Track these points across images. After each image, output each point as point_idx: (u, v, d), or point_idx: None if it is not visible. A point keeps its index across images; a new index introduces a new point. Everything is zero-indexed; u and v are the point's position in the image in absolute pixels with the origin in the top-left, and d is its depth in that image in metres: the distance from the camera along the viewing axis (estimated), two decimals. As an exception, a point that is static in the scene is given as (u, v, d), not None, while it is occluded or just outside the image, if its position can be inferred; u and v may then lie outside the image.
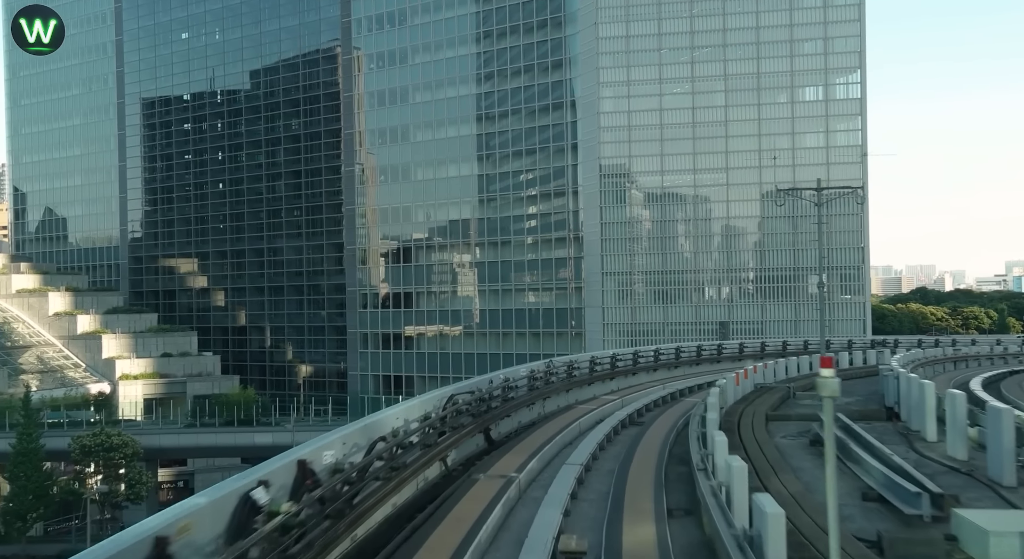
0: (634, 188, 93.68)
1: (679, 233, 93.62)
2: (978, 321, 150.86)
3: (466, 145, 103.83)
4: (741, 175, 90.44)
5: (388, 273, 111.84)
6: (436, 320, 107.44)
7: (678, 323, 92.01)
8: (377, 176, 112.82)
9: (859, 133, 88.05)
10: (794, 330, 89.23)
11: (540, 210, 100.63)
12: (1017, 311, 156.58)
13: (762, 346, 59.53)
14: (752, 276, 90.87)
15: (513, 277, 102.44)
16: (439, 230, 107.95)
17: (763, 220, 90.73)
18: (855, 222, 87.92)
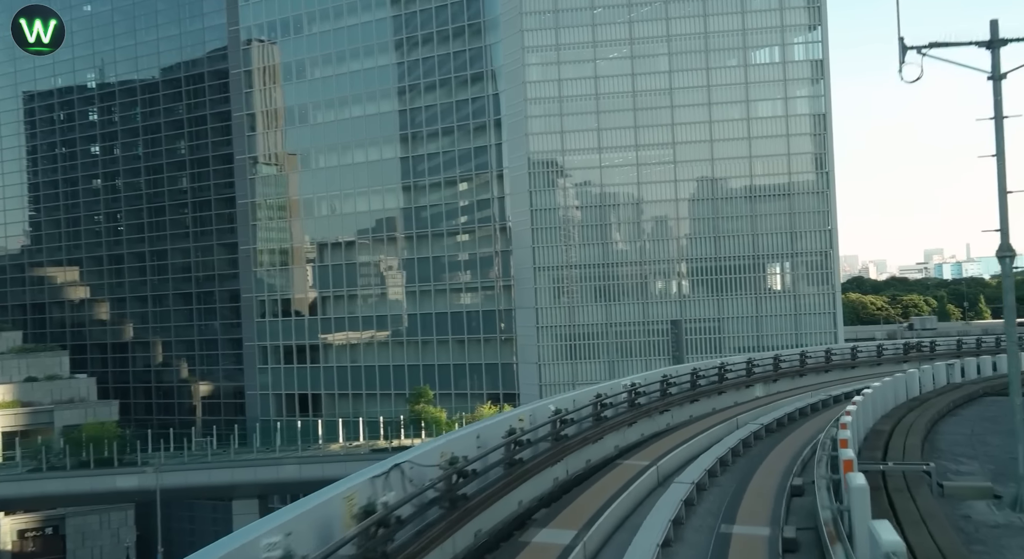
0: (568, 168, 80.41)
1: (621, 219, 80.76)
2: (918, 309, 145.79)
3: (386, 124, 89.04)
4: (690, 150, 78.12)
5: (290, 275, 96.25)
6: (347, 327, 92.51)
7: (623, 324, 79.23)
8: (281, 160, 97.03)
9: (821, 100, 76.58)
10: (756, 327, 77.30)
11: (461, 199, 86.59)
12: (955, 298, 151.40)
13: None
14: (707, 267, 78.52)
15: (433, 276, 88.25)
16: (356, 223, 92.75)
17: (717, 202, 78.49)
18: (821, 201, 76.41)
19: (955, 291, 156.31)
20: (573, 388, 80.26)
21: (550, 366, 79.78)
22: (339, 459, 71.25)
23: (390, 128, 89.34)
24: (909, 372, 25.48)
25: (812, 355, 34.17)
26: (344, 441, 75.99)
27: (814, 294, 76.97)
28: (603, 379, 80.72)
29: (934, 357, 38.13)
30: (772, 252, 77.64)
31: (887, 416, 22.29)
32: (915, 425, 19.95)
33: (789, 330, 76.33)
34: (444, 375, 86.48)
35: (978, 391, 27.23)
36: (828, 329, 75.89)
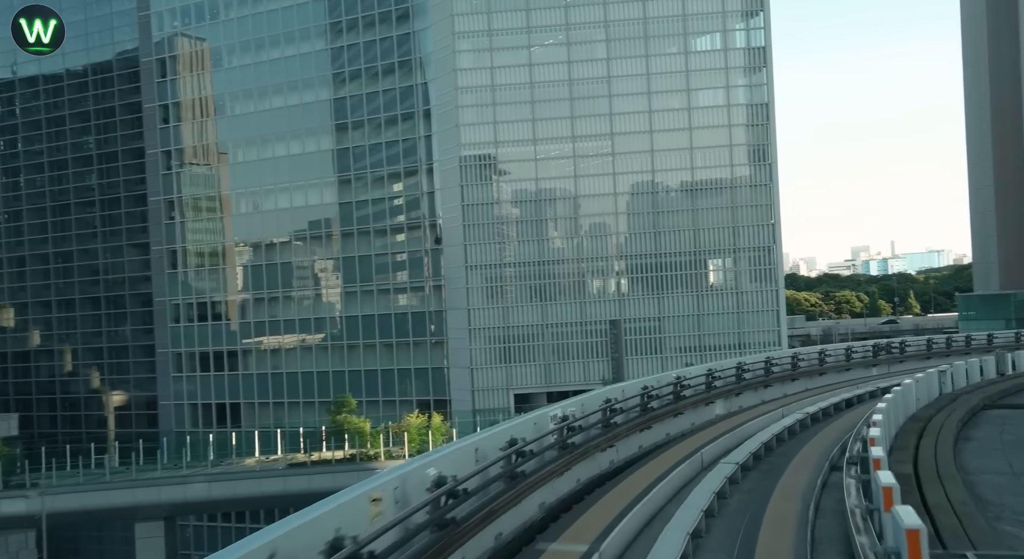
0: (502, 161, 74.98)
1: (558, 214, 75.64)
2: (850, 305, 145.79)
3: (318, 114, 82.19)
4: (629, 142, 73.43)
5: (211, 276, 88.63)
6: (271, 331, 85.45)
7: (560, 324, 74.11)
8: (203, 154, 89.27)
9: (764, 89, 72.59)
10: (697, 326, 72.98)
11: (389, 194, 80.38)
12: (886, 294, 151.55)
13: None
14: (646, 264, 73.88)
15: (361, 276, 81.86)
16: (287, 220, 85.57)
17: (657, 195, 73.94)
18: (763, 195, 72.42)
19: (885, 287, 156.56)
20: (507, 393, 74.89)
21: (483, 370, 74.21)
22: (253, 475, 64.60)
23: (322, 118, 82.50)
24: (905, 384, 20.70)
25: (778, 362, 29.34)
26: (261, 455, 69.10)
27: (757, 291, 73.00)
28: (539, 383, 75.74)
29: (904, 358, 33.94)
30: (713, 248, 73.43)
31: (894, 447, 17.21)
32: (942, 467, 14.91)
33: (732, 329, 72.22)
34: (371, 381, 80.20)
35: (978, 404, 22.60)
36: (771, 327, 72.00)
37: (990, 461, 17.55)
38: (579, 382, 73.53)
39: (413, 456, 65.79)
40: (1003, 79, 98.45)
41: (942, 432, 18.13)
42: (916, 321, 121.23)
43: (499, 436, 13.90)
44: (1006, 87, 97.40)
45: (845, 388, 28.57)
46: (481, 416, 72.23)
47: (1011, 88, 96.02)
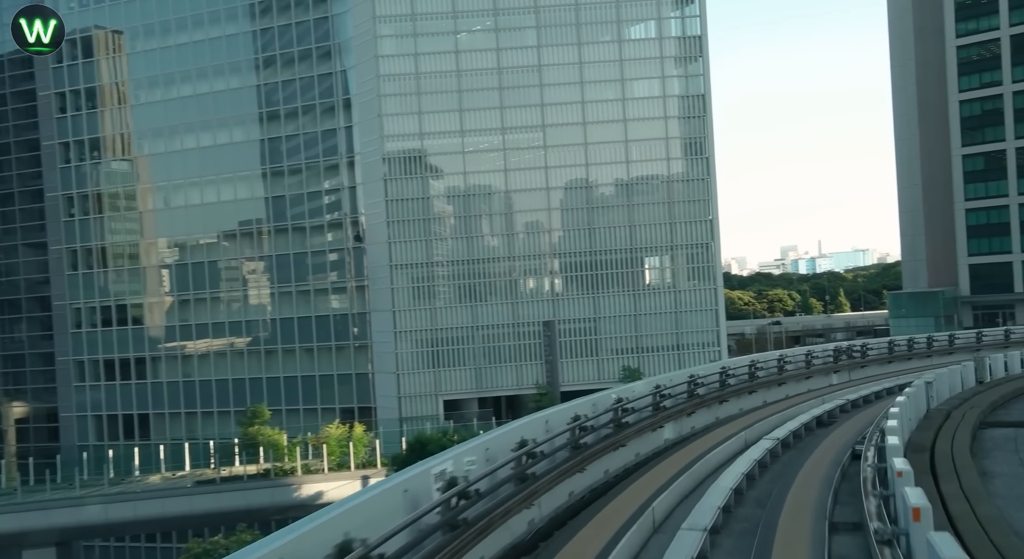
0: (428, 154, 69.76)
1: (488, 210, 70.75)
2: (783, 303, 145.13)
3: (238, 101, 75.51)
4: (561, 134, 69.03)
5: (113, 278, 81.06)
6: (180, 336, 78.52)
7: (491, 326, 69.30)
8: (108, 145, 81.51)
9: (700, 79, 69.04)
10: (634, 326, 69.01)
11: (308, 189, 74.36)
12: (817, 292, 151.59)
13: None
14: (581, 262, 69.61)
15: (278, 277, 75.68)
16: (208, 218, 78.59)
17: (591, 190, 69.69)
18: (700, 189, 68.83)
19: (816, 285, 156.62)
20: (436, 399, 69.73)
21: (410, 375, 68.92)
22: (156, 495, 58.14)
23: (240, 107, 75.83)
24: (899, 401, 16.60)
25: (734, 373, 25.03)
26: (167, 471, 62.50)
27: (695, 289, 69.40)
28: (470, 388, 70.77)
29: (866, 363, 30.15)
30: (650, 245, 69.59)
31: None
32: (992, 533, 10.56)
33: (670, 329, 68.48)
34: (292, 389, 74.11)
35: (976, 423, 18.55)
36: (710, 327, 68.52)
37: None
38: (512, 386, 68.96)
39: (333, 470, 60.31)
40: (929, 78, 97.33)
41: (961, 473, 13.89)
42: (847, 318, 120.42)
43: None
44: (932, 86, 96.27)
45: (810, 399, 24.58)
46: (408, 424, 66.95)
47: (937, 87, 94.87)
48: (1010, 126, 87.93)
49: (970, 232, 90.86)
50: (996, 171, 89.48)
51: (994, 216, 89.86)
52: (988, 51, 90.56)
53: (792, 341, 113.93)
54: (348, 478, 58.75)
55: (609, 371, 67.69)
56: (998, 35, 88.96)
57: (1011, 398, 22.01)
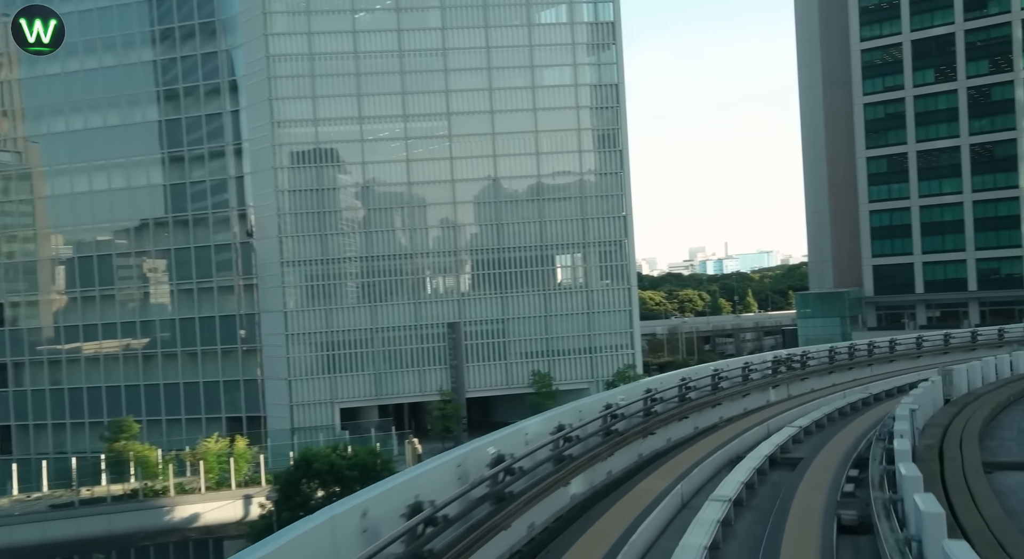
0: (323, 142, 63.02)
1: (389, 204, 64.44)
2: (693, 303, 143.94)
3: (137, 82, 66.58)
4: (468, 123, 63.40)
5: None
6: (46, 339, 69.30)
7: (392, 328, 63.11)
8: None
9: (613, 68, 64.44)
10: (544, 328, 63.90)
11: (191, 178, 66.51)
12: (726, 292, 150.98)
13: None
14: (489, 260, 64.12)
15: (156, 276, 67.50)
16: (98, 209, 69.32)
17: (499, 183, 64.21)
18: (614, 184, 64.23)
19: (724, 286, 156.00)
20: (331, 407, 63.06)
21: (303, 381, 62.03)
22: (3, 521, 49.75)
23: (142, 86, 67.08)
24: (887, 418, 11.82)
25: (662, 396, 19.57)
26: (21, 492, 53.96)
27: (608, 289, 64.75)
28: (368, 395, 64.28)
29: (806, 375, 25.54)
30: (561, 242, 64.60)
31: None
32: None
33: (582, 331, 63.64)
34: (173, 397, 66.15)
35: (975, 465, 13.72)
36: (624, 328, 64.01)
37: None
38: (415, 393, 62.90)
39: (211, 489, 53.06)
40: (835, 80, 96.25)
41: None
42: (756, 318, 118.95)
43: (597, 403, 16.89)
44: (838, 88, 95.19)
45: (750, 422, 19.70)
46: (300, 435, 60.13)
47: (842, 89, 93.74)
48: (911, 129, 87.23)
49: (874, 233, 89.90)
50: (898, 174, 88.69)
51: (896, 218, 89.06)
52: (891, 55, 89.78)
53: (702, 341, 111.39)
54: (228, 498, 51.77)
55: (518, 376, 62.42)
56: (900, 40, 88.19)
57: (992, 418, 17.60)
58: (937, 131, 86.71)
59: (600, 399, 16.32)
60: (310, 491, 43.68)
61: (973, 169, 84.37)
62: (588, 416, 15.23)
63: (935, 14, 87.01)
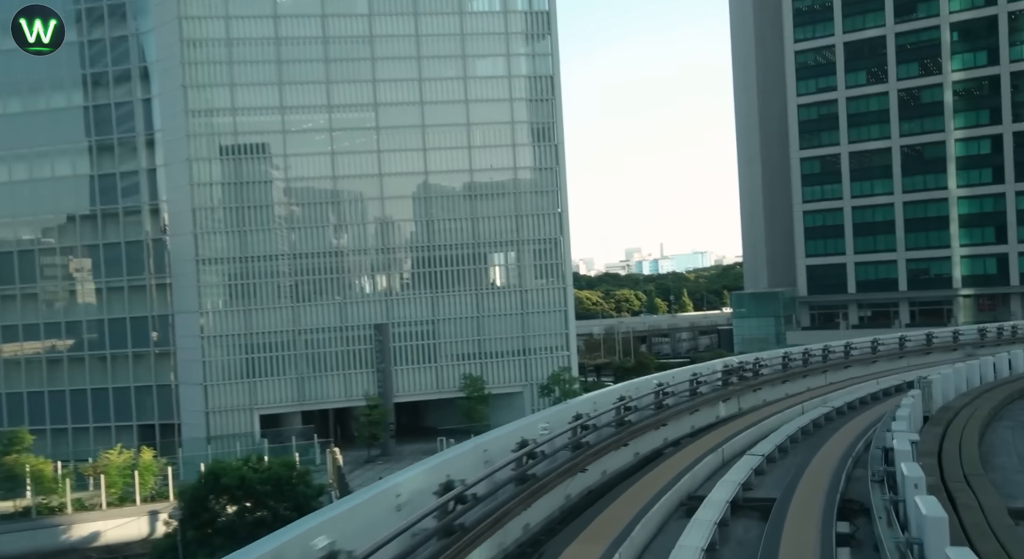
0: (242, 132, 58.40)
1: (313, 199, 60.12)
2: (629, 303, 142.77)
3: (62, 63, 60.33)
4: (396, 114, 59.53)
5: None
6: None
7: (316, 330, 58.88)
8: None
9: (548, 59, 61.26)
10: (477, 329, 60.43)
11: (99, 171, 61.11)
12: (662, 292, 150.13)
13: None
14: (419, 258, 60.36)
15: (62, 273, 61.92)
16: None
17: (429, 177, 60.46)
18: (549, 179, 61.09)
19: (660, 286, 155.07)
20: (251, 414, 58.55)
21: (221, 387, 57.33)
22: None
23: (45, 73, 61.07)
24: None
25: (594, 423, 16.05)
26: None
27: (543, 289, 61.55)
28: (291, 400, 59.70)
29: (759, 384, 22.46)
30: (494, 240, 61.14)
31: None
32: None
33: (516, 332, 60.34)
34: (80, 403, 60.70)
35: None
36: (559, 329, 60.93)
37: None
38: (340, 398, 58.78)
39: (114, 505, 48.33)
40: (769, 81, 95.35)
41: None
42: (691, 318, 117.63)
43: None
44: (772, 89, 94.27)
45: (700, 447, 16.42)
46: (216, 444, 55.43)
47: (777, 90, 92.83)
48: (844, 131, 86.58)
49: (807, 234, 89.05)
50: (832, 174, 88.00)
51: (830, 218, 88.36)
52: (824, 57, 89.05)
53: (639, 341, 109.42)
54: (132, 514, 47.15)
55: (449, 379, 58.79)
56: (833, 42, 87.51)
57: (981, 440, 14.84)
58: (869, 132, 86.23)
59: (513, 432, 12.74)
60: (219, 508, 39.40)
61: (904, 170, 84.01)
62: (497, 460, 11.65)
63: (867, 16, 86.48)
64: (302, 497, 39.88)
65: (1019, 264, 79.23)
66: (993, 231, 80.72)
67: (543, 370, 58.98)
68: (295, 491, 39.93)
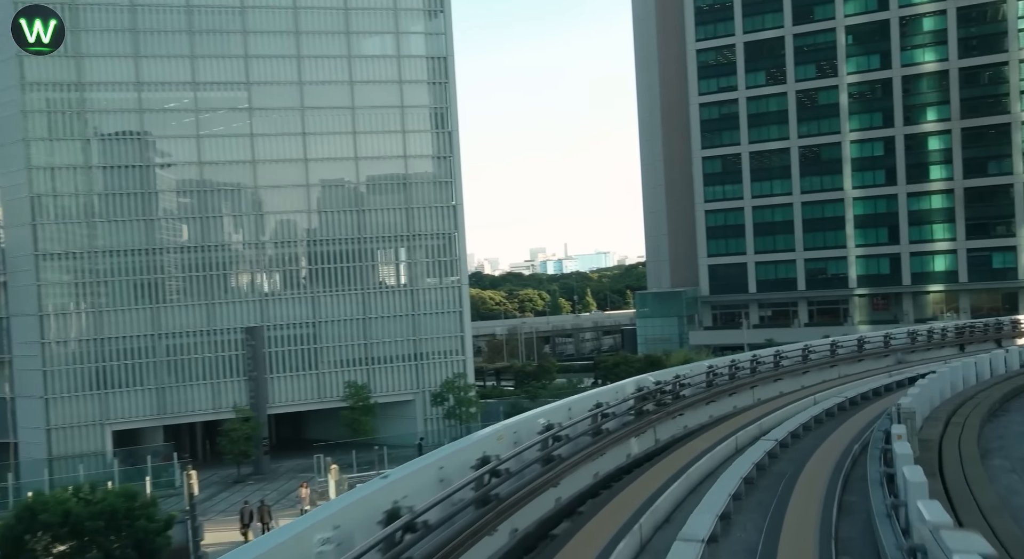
0: (92, 110, 50.11)
1: (177, 187, 52.38)
2: (533, 303, 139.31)
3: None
4: (271, 94, 52.46)
5: None
6: None
7: (181, 334, 51.27)
8: None
9: (442, 39, 55.33)
10: (364, 332, 54.00)
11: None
12: (566, 292, 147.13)
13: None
14: (297, 253, 53.46)
15: None
16: None
17: (309, 166, 53.56)
18: (443, 169, 55.21)
19: (564, 285, 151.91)
20: (102, 430, 50.43)
21: (65, 400, 48.99)
22: None
23: None
24: None
25: (455, 497, 10.70)
26: None
27: (437, 288, 55.58)
28: (149, 414, 51.61)
29: (680, 409, 17.16)
30: (383, 234, 54.75)
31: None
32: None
33: (406, 335, 54.20)
34: None
35: None
36: (454, 332, 55.09)
37: None
38: (208, 410, 51.33)
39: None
40: (672, 80, 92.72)
41: None
42: (595, 318, 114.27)
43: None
44: (675, 88, 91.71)
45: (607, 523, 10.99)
46: (59, 467, 47.22)
47: (679, 89, 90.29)
48: (744, 130, 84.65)
49: (709, 233, 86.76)
50: (733, 174, 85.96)
51: (731, 218, 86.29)
52: (724, 57, 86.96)
53: (542, 341, 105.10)
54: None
55: (332, 387, 52.18)
56: (734, 41, 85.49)
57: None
58: (769, 133, 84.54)
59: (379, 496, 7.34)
60: (40, 548, 31.84)
61: (802, 171, 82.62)
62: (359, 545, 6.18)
63: (766, 17, 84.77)
64: (142, 532, 32.67)
65: (911, 264, 78.75)
66: (887, 232, 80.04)
67: (436, 376, 53.13)
68: (134, 526, 32.75)
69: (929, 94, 78.19)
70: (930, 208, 78.02)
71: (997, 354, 23.18)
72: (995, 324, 33.42)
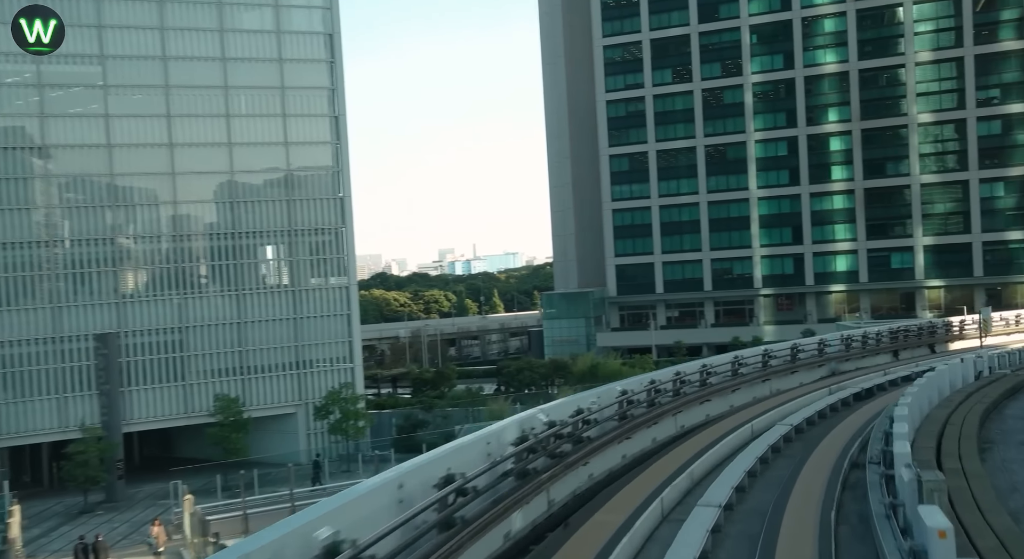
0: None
1: (15, 173, 44.67)
2: (439, 304, 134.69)
3: None
4: (130, 70, 45.51)
5: None
6: None
7: (20, 342, 43.83)
8: None
9: (328, 13, 49.41)
10: (238, 338, 47.65)
11: None
12: (472, 293, 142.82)
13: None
14: (161, 249, 46.66)
15: None
16: None
17: (174, 151, 46.77)
18: (328, 156, 49.36)
19: (471, 286, 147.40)
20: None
21: None
22: None
23: None
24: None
25: None
26: None
27: (322, 288, 49.71)
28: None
29: (584, 457, 12.73)
30: (259, 229, 48.49)
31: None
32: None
33: (287, 341, 48.16)
34: None
35: None
36: (342, 337, 49.32)
37: None
38: (53, 429, 44.06)
39: None
40: (579, 77, 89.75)
41: None
42: (502, 319, 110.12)
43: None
44: (582, 85, 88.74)
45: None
46: None
47: (586, 86, 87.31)
48: (651, 128, 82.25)
49: (616, 233, 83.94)
50: (640, 173, 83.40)
51: (638, 217, 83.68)
52: (631, 54, 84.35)
53: (447, 344, 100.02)
54: None
55: (201, 400, 45.68)
56: (640, 38, 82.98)
57: None
58: (675, 131, 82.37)
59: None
60: None
61: (708, 170, 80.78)
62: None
63: (672, 15, 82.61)
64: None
65: (814, 264, 77.83)
66: (790, 232, 78.95)
67: (322, 386, 47.38)
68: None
69: (830, 95, 77.47)
70: (832, 208, 77.28)
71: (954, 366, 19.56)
72: (928, 327, 30.71)
